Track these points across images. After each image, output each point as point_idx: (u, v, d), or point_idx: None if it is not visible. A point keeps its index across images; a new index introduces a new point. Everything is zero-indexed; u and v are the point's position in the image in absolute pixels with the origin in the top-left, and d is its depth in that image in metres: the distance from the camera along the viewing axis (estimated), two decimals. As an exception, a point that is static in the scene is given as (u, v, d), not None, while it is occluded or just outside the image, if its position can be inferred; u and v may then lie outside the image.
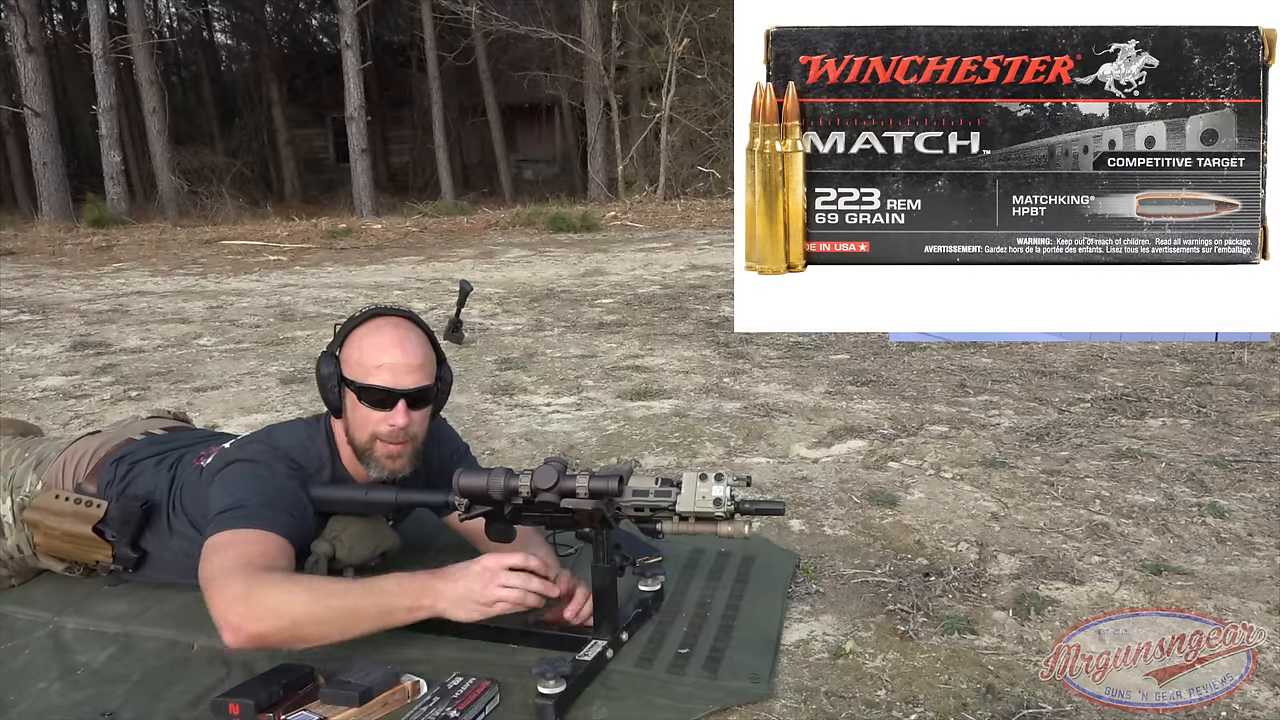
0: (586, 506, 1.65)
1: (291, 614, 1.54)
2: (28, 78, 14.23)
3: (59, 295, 7.09)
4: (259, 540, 1.65)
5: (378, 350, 1.76)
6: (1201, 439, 2.93)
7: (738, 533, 1.62)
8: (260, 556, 1.62)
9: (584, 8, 16.53)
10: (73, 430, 3.35)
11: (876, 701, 1.59)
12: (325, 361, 1.80)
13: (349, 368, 1.78)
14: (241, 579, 1.56)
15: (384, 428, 1.77)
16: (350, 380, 1.77)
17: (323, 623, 1.56)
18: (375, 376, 1.75)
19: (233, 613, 1.53)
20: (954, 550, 2.20)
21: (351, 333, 1.80)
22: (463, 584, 1.59)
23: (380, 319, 1.81)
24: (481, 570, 1.60)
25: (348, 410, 1.80)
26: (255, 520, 1.67)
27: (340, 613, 1.57)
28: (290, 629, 1.55)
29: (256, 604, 1.54)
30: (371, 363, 1.75)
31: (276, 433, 1.90)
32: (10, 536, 2.01)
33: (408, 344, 1.78)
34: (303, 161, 23.00)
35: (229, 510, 1.69)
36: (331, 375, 1.78)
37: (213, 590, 1.57)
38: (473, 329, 5.05)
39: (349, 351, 1.79)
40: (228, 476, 1.77)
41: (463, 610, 1.59)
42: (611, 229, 11.30)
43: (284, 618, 1.54)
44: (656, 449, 3.02)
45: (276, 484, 1.75)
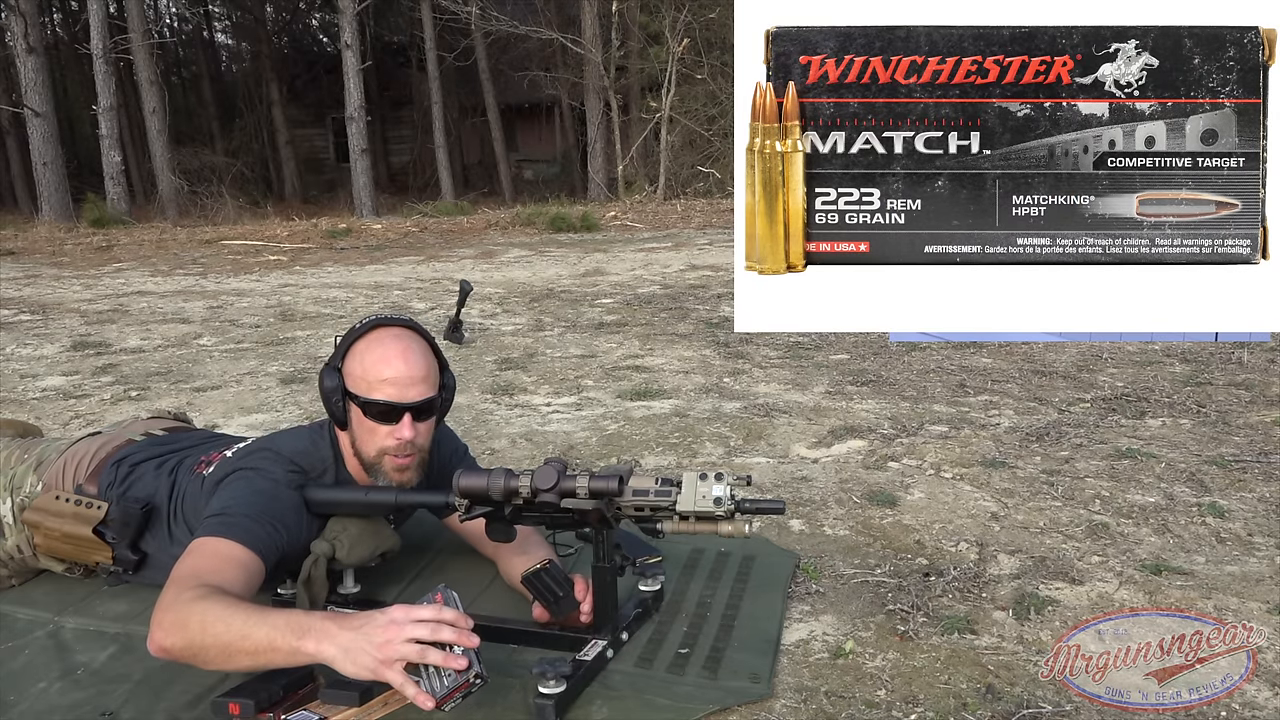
0: (587, 507, 1.65)
1: (191, 634, 1.46)
2: (28, 78, 14.24)
3: (59, 295, 7.09)
4: (222, 552, 1.63)
5: (381, 364, 1.74)
6: (1201, 439, 2.93)
7: (738, 532, 1.62)
8: (213, 570, 1.58)
9: (584, 8, 16.53)
10: (73, 430, 3.35)
11: (876, 701, 1.59)
12: (328, 375, 1.78)
13: (352, 381, 1.76)
14: (174, 590, 1.53)
15: (390, 441, 1.76)
16: (354, 395, 1.76)
17: (212, 648, 1.46)
18: (379, 391, 1.73)
19: (155, 621, 1.50)
20: (954, 550, 2.20)
21: (353, 345, 1.78)
22: (361, 634, 1.40)
23: (381, 330, 1.79)
24: (387, 623, 1.40)
25: (353, 424, 1.79)
26: (230, 530, 1.66)
27: (228, 639, 1.45)
28: (190, 648, 1.47)
29: (171, 617, 1.49)
30: (375, 377, 1.73)
31: (280, 439, 1.90)
32: (10, 537, 2.01)
33: (411, 356, 1.76)
34: (303, 161, 23.00)
35: (213, 516, 1.70)
36: (335, 389, 1.77)
37: (160, 595, 1.55)
38: (473, 329, 5.05)
39: (352, 365, 1.77)
40: (228, 483, 1.77)
41: (351, 663, 1.40)
42: (611, 229, 11.30)
43: (185, 635, 1.47)
44: (656, 449, 3.02)
45: (271, 495, 1.74)
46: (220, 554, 1.63)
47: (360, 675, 1.41)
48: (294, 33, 25.51)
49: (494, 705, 1.57)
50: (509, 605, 1.89)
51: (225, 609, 1.48)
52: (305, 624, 1.44)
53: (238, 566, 1.63)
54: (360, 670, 1.40)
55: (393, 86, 22.61)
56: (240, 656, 1.45)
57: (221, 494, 1.75)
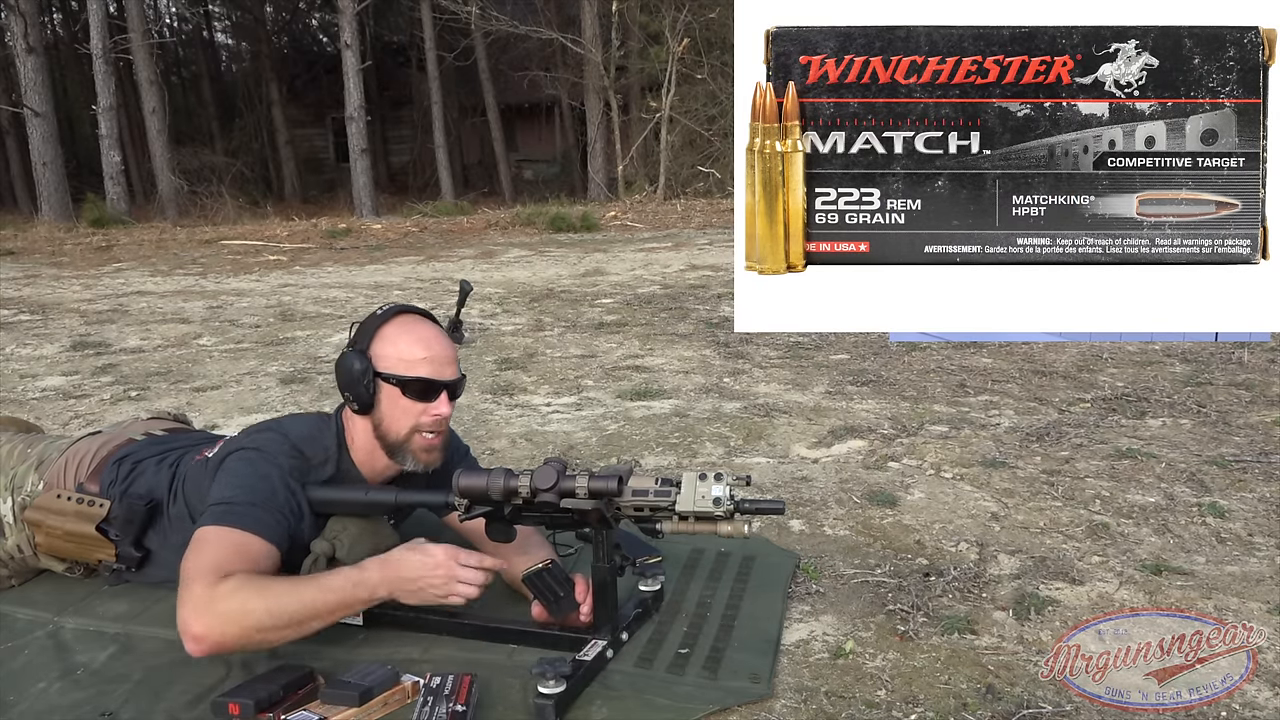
0: (586, 507, 1.66)
1: (247, 621, 1.55)
2: (28, 78, 14.22)
3: (59, 295, 7.09)
4: (239, 543, 1.65)
5: (419, 344, 1.80)
6: (1201, 439, 2.93)
7: (737, 532, 1.62)
8: (234, 560, 1.62)
9: (584, 8, 16.52)
10: (73, 430, 3.35)
11: (876, 701, 1.59)
12: (355, 359, 1.79)
13: (386, 363, 1.79)
14: (204, 585, 1.57)
15: (426, 419, 1.80)
16: (390, 375, 1.78)
17: (281, 627, 1.58)
18: (419, 369, 1.78)
19: (195, 622, 1.55)
20: (954, 550, 2.20)
21: (380, 329, 1.81)
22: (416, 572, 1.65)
23: (408, 315, 1.86)
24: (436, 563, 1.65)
25: (384, 405, 1.80)
26: (241, 520, 1.67)
27: (297, 614, 1.59)
28: (247, 635, 1.57)
29: (215, 612, 1.55)
30: (413, 356, 1.78)
31: (286, 423, 1.91)
32: (11, 536, 2.01)
33: (442, 338, 1.85)
34: (303, 161, 22.99)
35: (221, 504, 1.70)
36: (366, 371, 1.79)
37: (182, 592, 1.59)
38: (473, 329, 5.05)
39: (382, 347, 1.80)
40: (230, 465, 1.78)
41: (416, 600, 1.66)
42: (611, 229, 11.29)
43: (240, 624, 1.55)
44: (656, 449, 3.02)
45: (274, 480, 1.75)
46: (238, 544, 1.65)
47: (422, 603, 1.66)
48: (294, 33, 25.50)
49: (494, 705, 1.57)
50: (509, 605, 1.89)
51: (281, 587, 1.61)
52: (359, 576, 1.64)
53: (260, 555, 1.66)
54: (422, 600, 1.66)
55: (393, 86, 22.60)
56: (313, 623, 1.61)
57: (225, 477, 1.75)
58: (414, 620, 1.80)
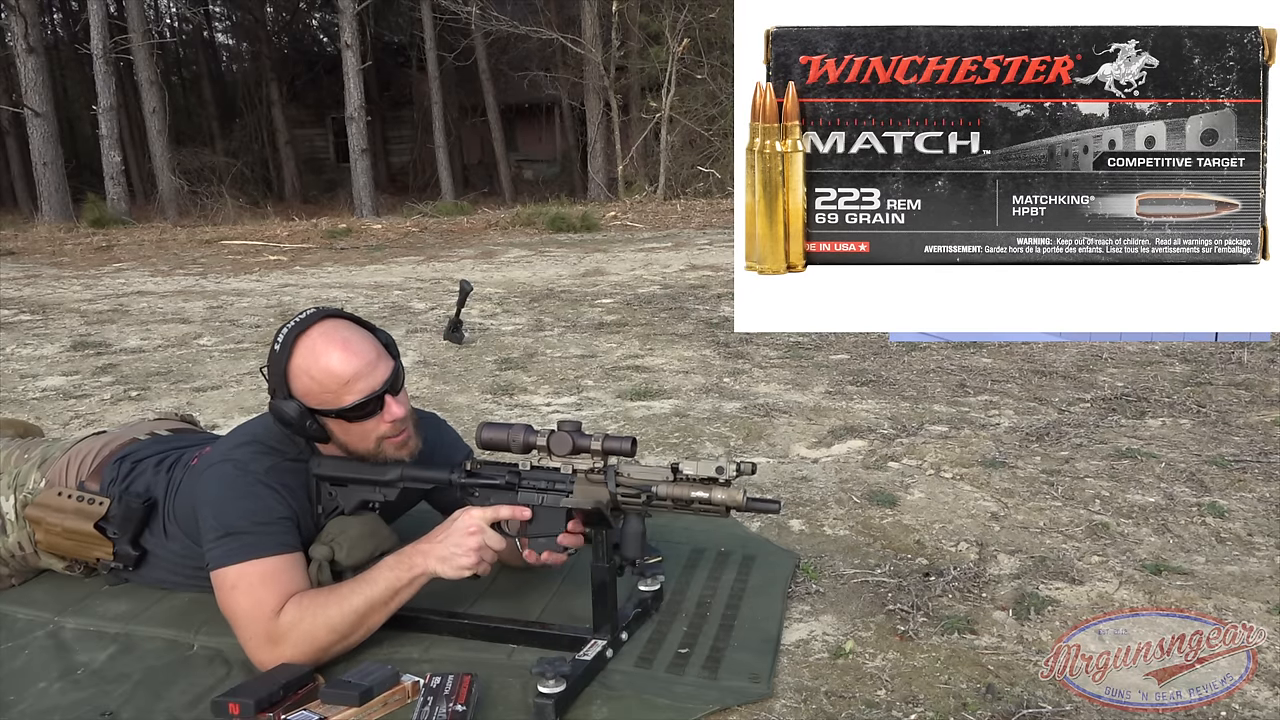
0: (587, 506, 1.67)
1: (316, 645, 1.64)
2: (28, 78, 14.22)
3: (59, 295, 7.09)
4: (266, 572, 1.67)
5: (334, 370, 1.68)
6: (1201, 439, 2.93)
7: (731, 500, 1.59)
8: (273, 592, 1.66)
9: (584, 8, 16.53)
10: (73, 430, 3.35)
11: (876, 701, 1.59)
12: (286, 407, 1.71)
13: (314, 399, 1.70)
14: (262, 627, 1.64)
15: (384, 427, 1.75)
16: (326, 410, 1.71)
17: (346, 635, 1.67)
18: (351, 393, 1.69)
19: (269, 657, 1.64)
20: (954, 550, 2.20)
21: (289, 367, 1.70)
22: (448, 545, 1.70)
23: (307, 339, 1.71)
24: (463, 532, 1.70)
25: (337, 434, 1.76)
26: (256, 548, 1.68)
27: (358, 614, 1.67)
28: (319, 655, 1.65)
29: (292, 641, 1.63)
30: (336, 383, 1.69)
31: (252, 426, 1.88)
32: (12, 534, 2.02)
33: (351, 345, 1.71)
34: (303, 161, 23.02)
35: (224, 539, 1.69)
36: (302, 413, 1.71)
37: (241, 636, 1.67)
38: (473, 329, 5.05)
39: (302, 385, 1.70)
40: (209, 487, 1.76)
41: (449, 569, 1.69)
42: (611, 229, 11.29)
43: (310, 648, 1.64)
44: (656, 449, 3.02)
45: (260, 491, 1.73)
46: (264, 575, 1.67)
47: (459, 576, 1.69)
48: (294, 33, 25.51)
49: (494, 705, 1.57)
50: (509, 605, 1.89)
51: (331, 598, 1.67)
52: (404, 561, 1.70)
53: (289, 570, 1.70)
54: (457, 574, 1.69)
55: (393, 86, 22.63)
56: (373, 618, 1.69)
57: (210, 506, 1.73)
58: (414, 620, 1.80)
